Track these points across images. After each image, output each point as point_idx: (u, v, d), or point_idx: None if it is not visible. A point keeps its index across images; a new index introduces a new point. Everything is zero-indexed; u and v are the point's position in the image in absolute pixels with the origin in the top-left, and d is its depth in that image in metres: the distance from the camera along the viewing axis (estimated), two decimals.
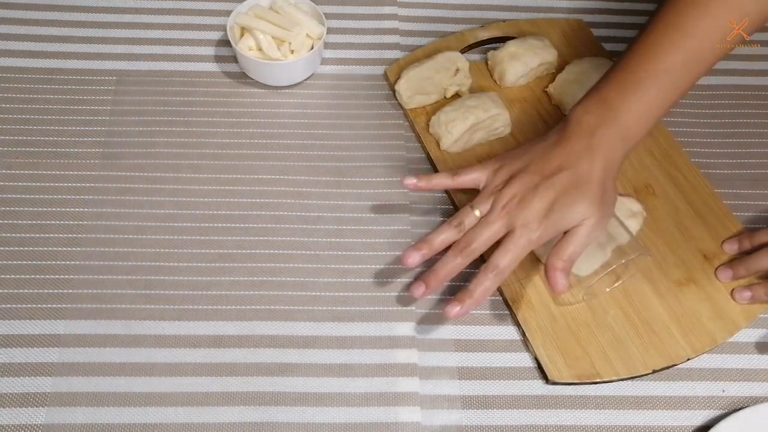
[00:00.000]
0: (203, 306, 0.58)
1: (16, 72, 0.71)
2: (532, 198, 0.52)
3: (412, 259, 0.53)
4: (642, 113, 0.53)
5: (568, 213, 0.51)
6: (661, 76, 0.53)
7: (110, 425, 0.52)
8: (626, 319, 0.58)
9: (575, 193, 0.51)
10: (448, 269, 0.53)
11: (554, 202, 0.51)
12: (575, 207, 0.51)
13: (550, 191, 0.52)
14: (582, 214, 0.51)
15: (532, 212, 0.51)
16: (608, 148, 0.53)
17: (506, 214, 0.52)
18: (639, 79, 0.53)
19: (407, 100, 0.69)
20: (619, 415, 0.55)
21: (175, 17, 0.77)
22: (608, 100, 0.54)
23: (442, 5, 0.80)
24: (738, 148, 0.70)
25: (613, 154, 0.53)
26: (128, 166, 0.65)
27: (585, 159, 0.52)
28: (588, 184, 0.52)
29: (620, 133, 0.53)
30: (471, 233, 0.53)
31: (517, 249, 0.51)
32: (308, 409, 0.54)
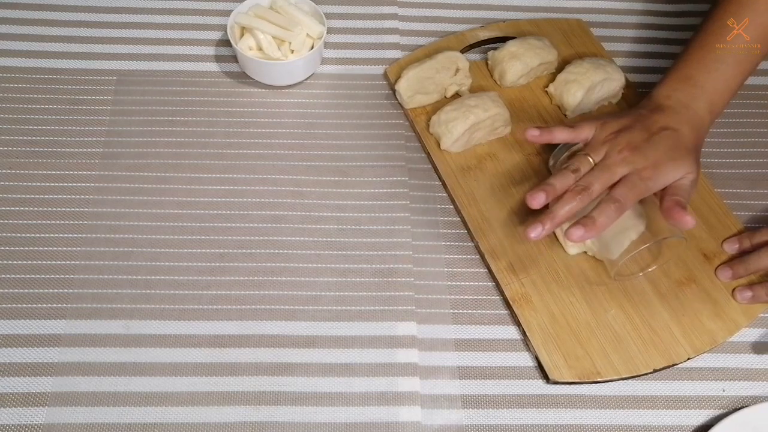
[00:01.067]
0: (203, 306, 0.58)
1: (16, 72, 0.71)
2: (646, 147, 0.55)
3: (537, 200, 0.54)
4: (724, 87, 0.59)
5: (678, 165, 0.55)
6: (737, 51, 0.59)
7: (110, 425, 0.52)
8: (627, 318, 0.58)
9: (681, 151, 0.56)
10: (567, 210, 0.54)
11: (665, 155, 0.55)
12: (682, 161, 0.56)
13: (661, 144, 0.56)
14: (687, 168, 0.56)
15: (648, 159, 0.55)
16: (699, 120, 0.58)
17: (623, 160, 0.55)
18: (717, 56, 0.59)
19: (407, 99, 0.69)
20: (619, 414, 0.55)
21: (175, 17, 0.77)
22: (692, 77, 0.59)
23: (442, 5, 0.80)
24: (738, 148, 0.70)
25: (702, 125, 0.59)
26: (128, 166, 0.65)
27: (683, 126, 0.57)
28: (687, 145, 0.57)
29: (707, 107, 0.59)
30: (590, 175, 0.55)
31: (635, 188, 0.54)
32: (308, 409, 0.54)
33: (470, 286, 0.60)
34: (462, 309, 0.59)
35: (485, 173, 0.66)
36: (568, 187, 0.55)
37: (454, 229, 0.64)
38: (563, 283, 0.60)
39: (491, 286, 0.61)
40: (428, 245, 0.62)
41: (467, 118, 0.64)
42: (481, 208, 0.63)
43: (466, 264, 0.62)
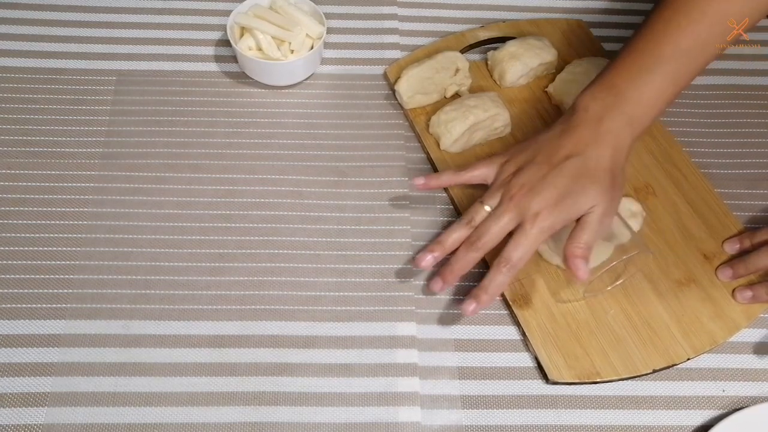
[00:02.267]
0: (203, 306, 0.58)
1: (16, 72, 0.71)
2: (542, 187, 0.52)
3: (425, 262, 0.54)
4: (649, 99, 0.53)
5: (579, 200, 0.51)
6: (668, 62, 0.53)
7: (110, 425, 0.52)
8: (626, 318, 0.58)
9: (585, 180, 0.51)
10: (462, 264, 0.53)
11: (564, 190, 0.51)
12: (585, 193, 0.51)
13: (560, 179, 0.52)
14: (592, 200, 0.51)
15: (542, 201, 0.51)
16: (616, 135, 0.53)
17: (515, 206, 0.52)
18: (646, 65, 0.53)
19: (407, 100, 0.69)
20: (619, 415, 0.55)
21: (175, 17, 0.77)
22: (615, 86, 0.53)
23: (442, 5, 0.80)
24: (738, 148, 0.70)
25: (621, 141, 0.53)
26: (128, 166, 0.65)
27: (593, 146, 0.52)
28: (597, 171, 0.52)
29: (628, 120, 0.53)
30: (481, 227, 0.53)
31: (528, 240, 0.51)
32: (308, 409, 0.54)
33: (470, 287, 0.60)
34: None
35: None
36: (461, 240, 0.54)
37: None
38: (563, 283, 0.60)
39: None
40: None
41: (467, 119, 0.64)
42: None
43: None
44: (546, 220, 0.51)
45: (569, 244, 0.52)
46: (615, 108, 0.53)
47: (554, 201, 0.51)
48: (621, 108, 0.53)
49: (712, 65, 0.75)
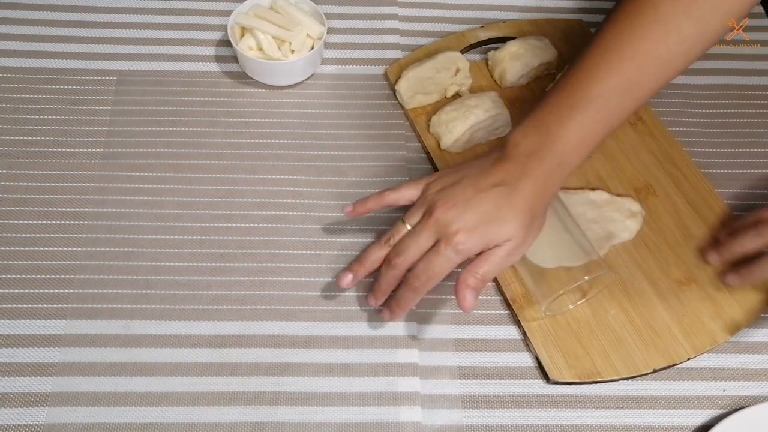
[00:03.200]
0: (203, 306, 0.58)
1: (16, 72, 0.71)
2: (464, 208, 0.50)
3: (345, 281, 0.54)
4: (579, 139, 0.52)
5: (497, 229, 0.50)
6: (599, 101, 0.51)
7: (110, 425, 0.52)
8: (627, 318, 0.58)
9: (507, 211, 0.50)
10: (387, 282, 0.53)
11: (485, 216, 0.50)
12: (505, 224, 0.50)
13: (483, 204, 0.50)
14: (507, 233, 0.50)
15: (462, 222, 0.50)
16: (544, 174, 0.51)
17: (434, 222, 0.51)
18: (576, 104, 0.52)
19: (407, 99, 0.69)
20: (620, 414, 0.55)
21: (176, 17, 0.77)
22: (545, 124, 0.52)
23: (442, 5, 0.80)
24: (738, 148, 0.70)
25: (548, 180, 0.52)
26: (128, 166, 0.65)
27: (520, 180, 0.51)
28: (520, 205, 0.51)
29: (556, 159, 0.52)
30: (399, 244, 0.52)
31: (441, 260, 0.50)
32: (308, 409, 0.54)
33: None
34: None
35: None
36: (382, 259, 0.53)
37: None
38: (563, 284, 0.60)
39: (491, 286, 0.61)
40: None
41: (467, 119, 0.64)
42: None
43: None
44: (463, 243, 0.50)
45: (465, 272, 0.51)
46: (544, 147, 0.52)
47: (474, 224, 0.50)
48: (549, 147, 0.51)
49: (712, 65, 0.76)
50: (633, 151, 0.68)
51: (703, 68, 0.76)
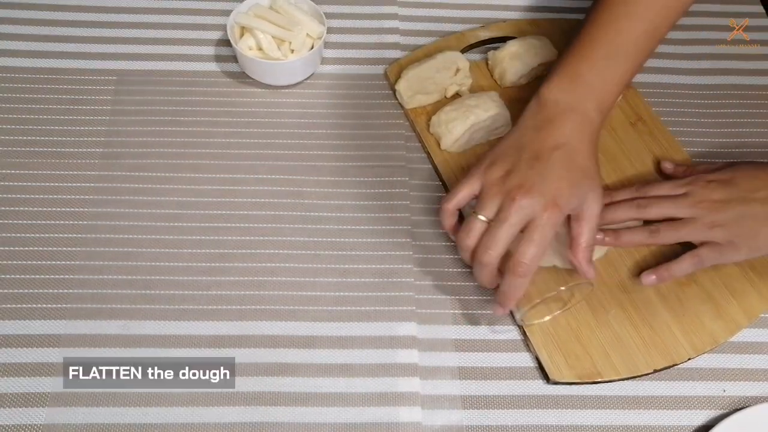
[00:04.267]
0: (203, 306, 0.58)
1: (16, 72, 0.71)
2: (541, 183, 0.51)
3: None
4: (614, 82, 0.56)
5: (576, 191, 0.52)
6: (628, 48, 0.57)
7: (110, 425, 0.52)
8: (627, 318, 0.58)
9: (576, 170, 0.53)
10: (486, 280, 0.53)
11: (561, 182, 0.52)
12: (580, 183, 0.52)
13: (555, 171, 0.52)
14: (586, 187, 0.53)
15: (545, 196, 0.51)
16: (590, 121, 0.55)
17: (519, 208, 0.51)
18: (607, 52, 0.56)
19: (407, 99, 0.69)
20: (620, 415, 0.55)
21: (175, 17, 0.77)
22: (580, 75, 0.56)
23: (443, 5, 0.80)
24: (738, 148, 0.70)
25: (594, 126, 0.55)
26: (128, 166, 0.65)
27: (575, 136, 0.54)
28: (583, 160, 0.54)
29: (597, 105, 0.55)
30: (487, 237, 0.51)
31: (540, 237, 0.51)
32: (308, 409, 0.54)
33: (470, 287, 0.60)
34: (462, 309, 0.59)
35: None
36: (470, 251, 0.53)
37: None
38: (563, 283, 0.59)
39: None
40: (428, 245, 0.62)
41: (467, 118, 0.64)
42: None
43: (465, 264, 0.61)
44: (553, 215, 0.51)
45: (575, 249, 0.53)
46: (585, 96, 0.55)
47: (555, 195, 0.51)
48: (590, 96, 0.55)
49: (712, 65, 0.76)
50: (633, 151, 0.68)
51: (703, 68, 0.76)
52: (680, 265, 0.58)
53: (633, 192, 0.61)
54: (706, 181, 0.59)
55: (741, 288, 0.60)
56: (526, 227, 0.51)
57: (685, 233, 0.58)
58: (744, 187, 0.58)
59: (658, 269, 0.59)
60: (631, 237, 0.59)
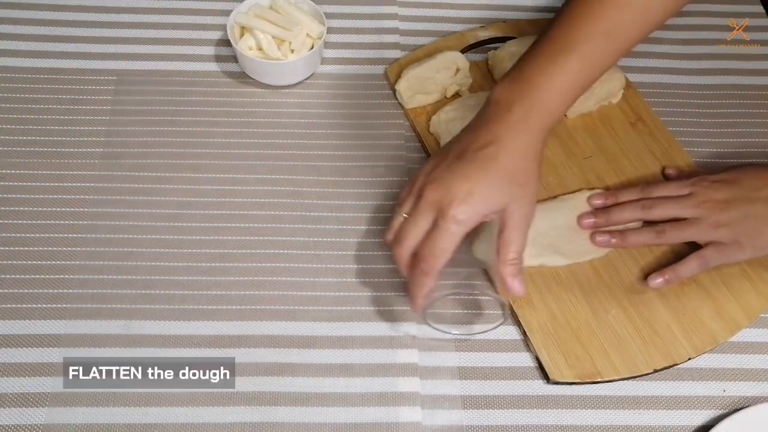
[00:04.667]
0: (203, 306, 0.58)
1: (16, 72, 0.71)
2: (451, 180, 0.49)
3: None
4: (561, 88, 0.51)
5: (493, 192, 0.49)
6: (580, 47, 0.51)
7: (110, 425, 0.52)
8: (627, 318, 0.58)
9: (495, 173, 0.49)
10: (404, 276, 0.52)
11: (476, 182, 0.49)
12: (498, 186, 0.49)
13: (470, 170, 0.49)
14: (506, 194, 0.49)
15: (453, 193, 0.49)
16: (528, 125, 0.51)
17: (426, 204, 0.49)
18: (558, 51, 0.52)
19: (407, 99, 0.69)
20: (620, 415, 0.55)
21: (175, 17, 0.77)
22: (526, 75, 0.52)
23: (442, 5, 0.80)
24: (738, 148, 0.70)
25: (532, 128, 0.51)
26: (128, 166, 0.65)
27: (505, 138, 0.50)
28: (507, 164, 0.50)
29: (539, 109, 0.51)
30: (400, 232, 0.51)
31: (442, 236, 0.48)
32: (308, 409, 0.54)
33: None
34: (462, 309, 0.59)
35: None
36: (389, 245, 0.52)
37: None
38: (564, 283, 0.60)
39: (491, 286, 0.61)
40: None
41: (467, 118, 0.64)
42: None
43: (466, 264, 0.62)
44: (461, 212, 0.48)
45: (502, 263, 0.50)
46: (526, 98, 0.51)
47: (466, 192, 0.48)
48: (532, 98, 0.51)
49: (712, 65, 0.76)
50: (633, 151, 0.68)
51: (703, 68, 0.76)
52: (686, 266, 0.58)
53: (637, 193, 0.61)
54: (710, 182, 0.60)
55: (741, 288, 0.60)
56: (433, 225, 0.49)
57: (690, 233, 0.58)
58: (747, 187, 0.58)
59: (664, 271, 0.59)
60: (638, 238, 0.60)
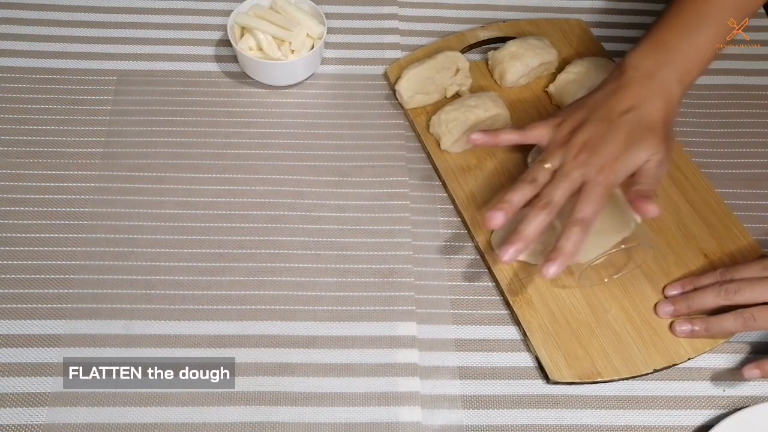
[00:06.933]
0: (203, 306, 0.58)
1: (16, 72, 0.71)
2: (603, 143, 0.53)
3: (496, 220, 0.52)
4: (697, 54, 0.57)
5: (637, 152, 0.53)
6: (716, 17, 0.57)
7: (110, 425, 0.52)
8: (627, 318, 0.58)
9: (643, 132, 0.54)
10: (534, 229, 0.52)
11: (624, 145, 0.53)
12: (644, 146, 0.53)
13: (619, 134, 0.54)
14: (650, 151, 0.54)
15: (606, 156, 0.53)
16: (668, 90, 0.56)
17: (580, 164, 0.53)
18: (694, 21, 0.57)
19: (407, 99, 0.69)
20: (620, 415, 0.55)
21: (176, 17, 0.77)
22: (665, 43, 0.57)
23: (443, 5, 0.80)
24: (738, 148, 0.70)
25: (672, 94, 0.56)
26: (128, 166, 0.65)
27: (647, 100, 0.55)
28: (652, 124, 0.54)
29: (677, 75, 0.56)
30: (549, 188, 0.53)
31: (597, 195, 0.52)
32: (308, 409, 0.54)
33: (470, 286, 0.60)
34: (462, 309, 0.59)
35: (485, 173, 0.66)
36: (526, 199, 0.53)
37: (454, 229, 0.64)
38: (564, 283, 0.60)
39: (491, 286, 0.61)
40: (428, 245, 0.62)
41: (467, 119, 0.64)
42: (482, 208, 0.63)
43: (466, 264, 0.62)
44: (611, 175, 0.53)
45: (632, 189, 0.53)
46: (666, 64, 0.56)
47: (615, 156, 0.53)
48: (671, 63, 0.56)
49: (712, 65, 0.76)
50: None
51: None
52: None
53: (717, 276, 0.58)
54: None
55: None
56: (584, 185, 0.53)
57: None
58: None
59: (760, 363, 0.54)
60: (724, 326, 0.56)
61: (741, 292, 0.55)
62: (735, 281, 0.56)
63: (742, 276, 0.57)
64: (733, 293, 0.56)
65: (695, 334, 0.57)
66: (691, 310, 0.57)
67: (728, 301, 0.56)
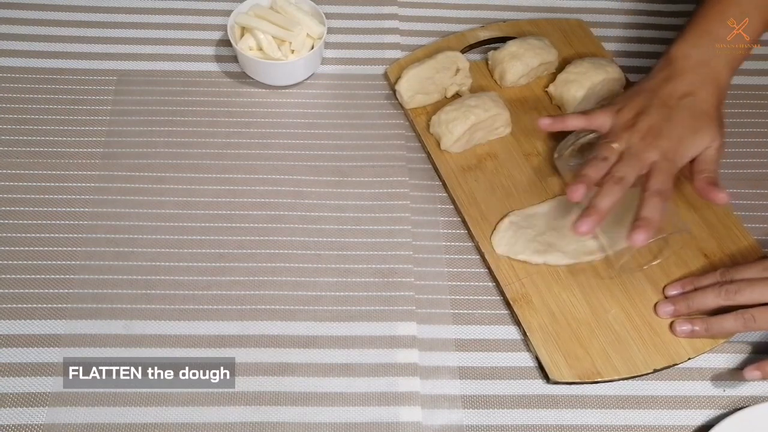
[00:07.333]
0: (203, 306, 0.58)
1: (16, 72, 0.71)
2: (668, 127, 0.56)
3: (578, 193, 0.55)
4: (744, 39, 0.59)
5: (699, 138, 0.56)
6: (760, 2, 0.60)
7: (110, 425, 0.52)
8: (627, 318, 0.58)
9: (702, 117, 0.57)
10: (609, 202, 0.54)
11: (686, 129, 0.56)
12: (703, 132, 0.57)
13: (682, 118, 0.57)
14: (709, 137, 0.57)
15: (671, 139, 0.56)
16: (719, 77, 0.59)
17: (649, 145, 0.56)
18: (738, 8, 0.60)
19: (408, 99, 0.69)
20: (620, 414, 0.55)
21: (176, 17, 0.77)
22: (710, 31, 0.60)
23: (443, 5, 0.80)
24: (738, 148, 0.70)
25: (723, 82, 0.59)
26: (128, 166, 0.65)
27: (702, 87, 0.58)
28: (709, 110, 0.57)
29: (726, 61, 0.59)
30: (622, 164, 0.55)
31: (668, 173, 0.55)
32: (309, 409, 0.54)
33: (470, 286, 0.60)
34: (462, 309, 0.59)
35: (485, 173, 0.66)
36: (600, 175, 0.56)
37: (454, 229, 0.64)
38: (564, 283, 0.60)
39: (491, 286, 0.61)
40: (428, 245, 0.62)
41: (467, 119, 0.64)
42: (481, 208, 0.63)
43: (466, 264, 0.62)
44: (677, 158, 0.56)
45: (699, 176, 0.56)
46: (714, 52, 0.59)
47: (681, 137, 0.56)
48: (719, 51, 0.59)
49: None
50: None
51: None
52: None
53: (717, 276, 0.58)
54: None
55: None
56: (651, 166, 0.55)
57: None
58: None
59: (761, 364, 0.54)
60: (724, 326, 0.56)
61: (741, 293, 0.55)
62: (735, 282, 0.56)
63: (742, 276, 0.57)
64: (733, 294, 0.56)
65: (695, 334, 0.57)
66: (691, 310, 0.57)
67: (728, 302, 0.56)
